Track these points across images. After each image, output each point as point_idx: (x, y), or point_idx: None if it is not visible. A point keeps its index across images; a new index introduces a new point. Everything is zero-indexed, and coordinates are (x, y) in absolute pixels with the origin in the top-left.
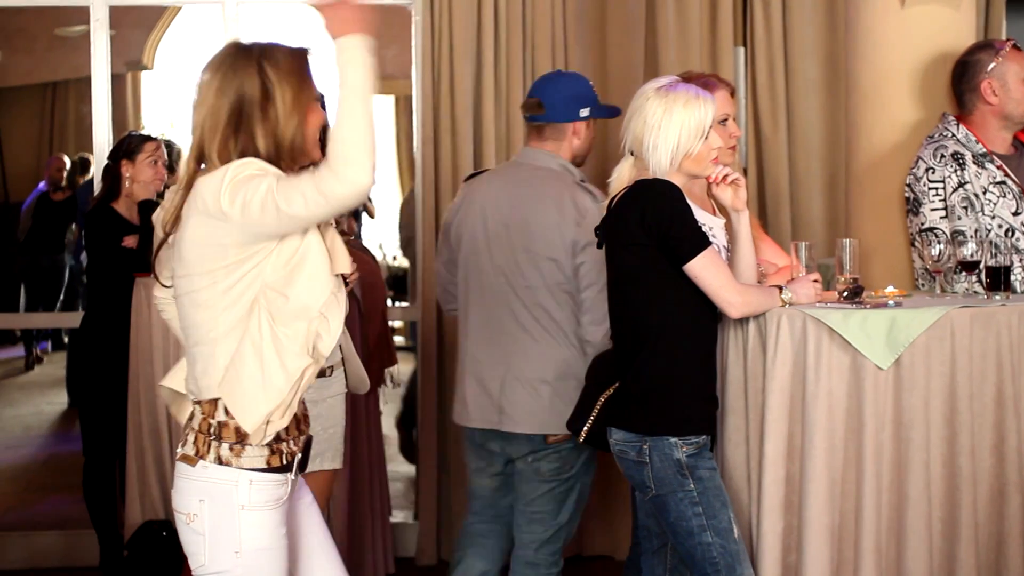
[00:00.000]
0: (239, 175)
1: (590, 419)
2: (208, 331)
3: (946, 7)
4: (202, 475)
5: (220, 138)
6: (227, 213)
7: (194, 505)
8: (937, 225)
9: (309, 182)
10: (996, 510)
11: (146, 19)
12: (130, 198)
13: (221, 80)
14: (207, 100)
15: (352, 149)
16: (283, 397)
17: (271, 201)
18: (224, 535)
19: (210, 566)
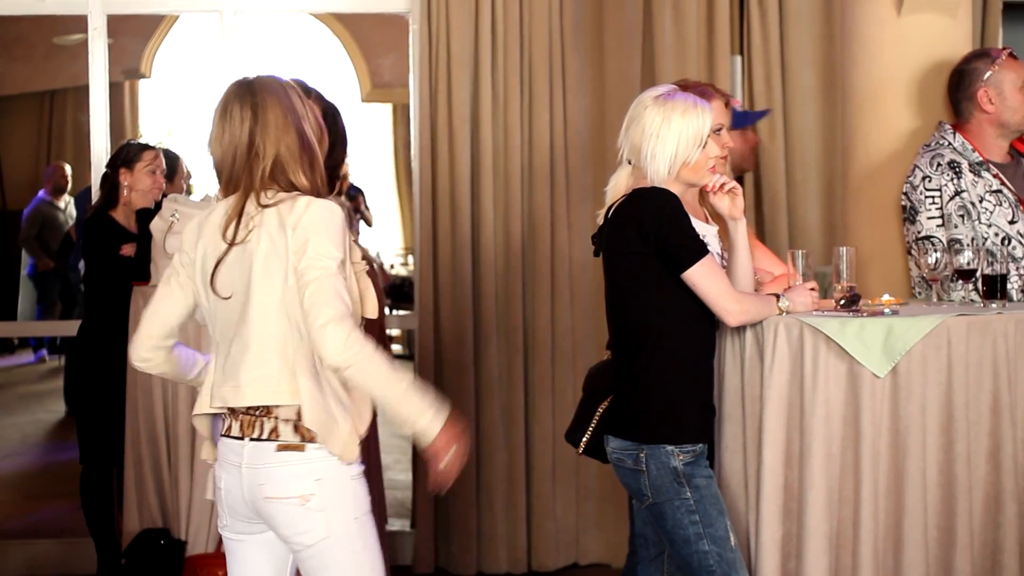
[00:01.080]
0: (328, 236)
1: (589, 430)
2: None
3: (942, 15)
4: (314, 456)
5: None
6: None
7: (310, 486)
8: (934, 233)
9: (340, 317)
10: (992, 518)
11: (144, 28)
12: (128, 207)
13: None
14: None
15: (358, 369)
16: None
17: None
18: (343, 505)
19: (333, 537)
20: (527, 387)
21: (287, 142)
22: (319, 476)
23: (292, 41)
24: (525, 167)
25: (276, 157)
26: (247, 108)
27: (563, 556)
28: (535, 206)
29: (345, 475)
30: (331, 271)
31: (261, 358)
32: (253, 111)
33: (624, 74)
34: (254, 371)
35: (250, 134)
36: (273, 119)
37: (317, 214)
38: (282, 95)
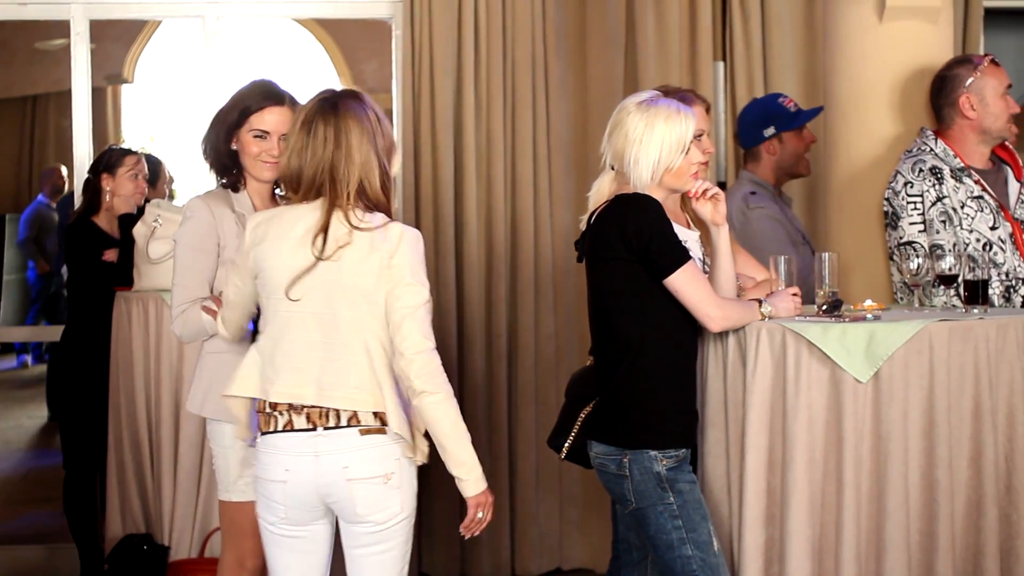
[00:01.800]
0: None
1: (571, 435)
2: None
3: (924, 22)
4: (394, 438)
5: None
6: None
7: (392, 464)
8: (915, 239)
9: (433, 348)
10: (973, 522)
11: (126, 33)
12: (110, 212)
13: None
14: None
15: (438, 387)
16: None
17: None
18: (412, 484)
19: (403, 512)
20: (510, 392)
21: (369, 166)
22: (398, 456)
23: (275, 46)
24: (508, 172)
25: (360, 180)
26: (331, 129)
27: (546, 561)
28: (518, 212)
29: (406, 458)
30: (424, 299)
31: (347, 367)
32: (336, 135)
33: (607, 80)
34: (339, 377)
35: (333, 157)
36: (356, 144)
37: (411, 244)
38: (363, 118)
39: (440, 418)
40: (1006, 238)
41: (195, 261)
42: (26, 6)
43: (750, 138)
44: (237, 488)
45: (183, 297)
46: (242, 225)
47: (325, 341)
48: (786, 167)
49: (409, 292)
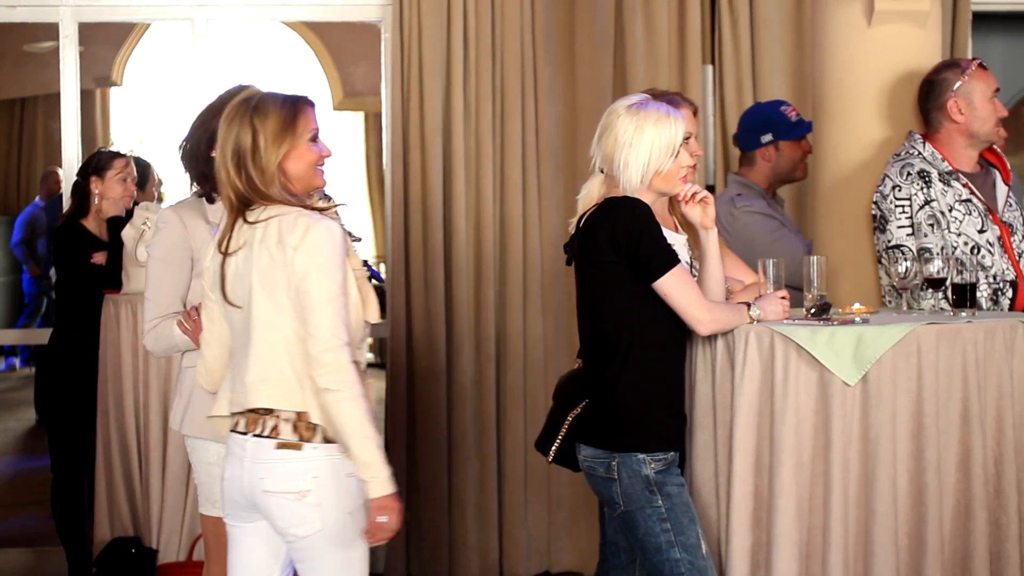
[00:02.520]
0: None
1: (558, 439)
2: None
3: (912, 26)
4: (311, 455)
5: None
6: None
7: (307, 482)
8: (904, 242)
9: (341, 345)
10: (961, 525)
11: (115, 35)
12: (99, 215)
13: (225, 132)
14: (220, 148)
15: (348, 387)
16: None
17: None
18: (338, 501)
19: (327, 529)
20: (499, 395)
21: (236, 162)
22: (316, 474)
23: (264, 49)
24: (497, 175)
25: (233, 178)
26: (216, 132)
27: (535, 564)
28: (507, 214)
29: (341, 472)
30: (333, 294)
31: (263, 363)
32: (217, 138)
33: (596, 83)
34: (257, 374)
35: (216, 159)
36: (221, 144)
37: (318, 237)
38: (230, 117)
39: (343, 418)
40: (994, 241)
41: (166, 274)
42: (15, 8)
43: (748, 142)
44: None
45: (155, 312)
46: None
47: (248, 339)
48: (781, 174)
49: (315, 286)
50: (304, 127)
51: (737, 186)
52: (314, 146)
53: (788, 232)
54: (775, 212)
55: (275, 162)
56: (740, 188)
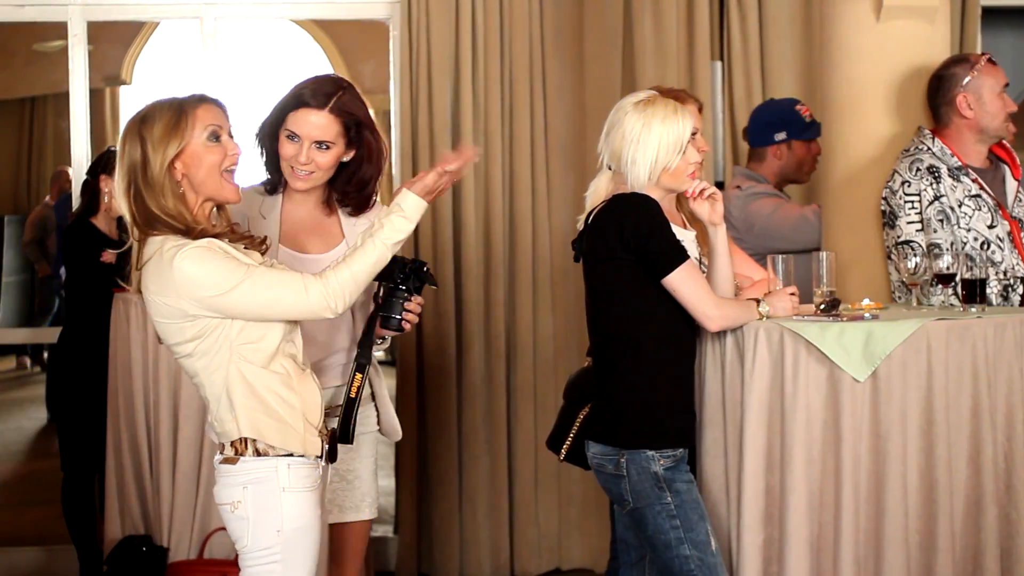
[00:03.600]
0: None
1: (569, 436)
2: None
3: (921, 21)
4: (244, 468)
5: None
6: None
7: (237, 493)
8: (913, 238)
9: (293, 291)
10: (972, 521)
11: (124, 34)
12: (109, 213)
13: (119, 153)
14: (116, 174)
15: (354, 288)
16: (305, 418)
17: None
18: (267, 516)
19: (253, 545)
20: (509, 393)
21: (122, 184)
22: (245, 484)
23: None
24: (506, 173)
25: (125, 197)
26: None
27: (546, 561)
28: (516, 212)
29: (272, 486)
30: (235, 291)
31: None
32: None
33: (604, 80)
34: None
35: (116, 177)
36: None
37: (181, 271)
38: (125, 132)
39: (364, 282)
40: (1004, 236)
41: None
42: (23, 8)
43: (760, 138)
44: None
45: None
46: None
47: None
48: (788, 173)
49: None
50: (193, 124)
51: (742, 178)
52: (214, 145)
53: (786, 202)
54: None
55: (162, 169)
56: (745, 179)
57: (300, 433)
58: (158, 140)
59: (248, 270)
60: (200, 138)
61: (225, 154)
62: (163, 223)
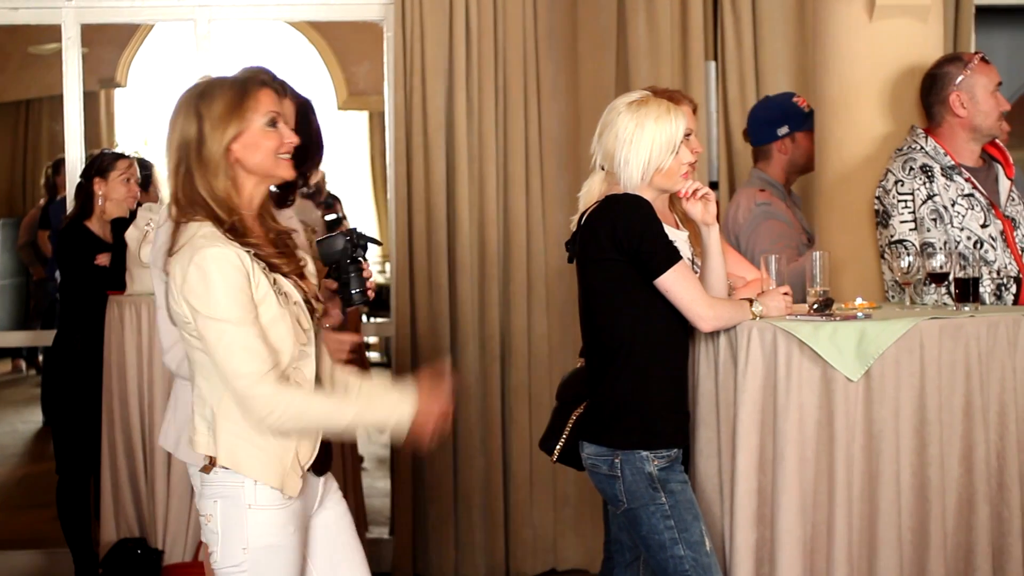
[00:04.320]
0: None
1: (562, 437)
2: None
3: (914, 20)
4: (215, 479)
5: (172, 183)
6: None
7: (210, 506)
8: (906, 237)
9: (246, 367)
10: (965, 520)
11: (119, 37)
12: (103, 216)
13: (170, 129)
14: (165, 150)
15: (294, 427)
16: (296, 454)
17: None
18: (234, 532)
19: (222, 561)
20: (504, 394)
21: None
22: (215, 499)
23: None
24: (500, 173)
25: (174, 175)
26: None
27: (541, 562)
28: (511, 212)
29: (240, 502)
30: (227, 329)
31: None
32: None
33: (598, 80)
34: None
35: (165, 153)
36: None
37: (195, 275)
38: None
39: (309, 424)
40: (997, 236)
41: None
42: (17, 11)
43: (762, 136)
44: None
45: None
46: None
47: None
48: (798, 166)
49: (204, 328)
50: (256, 108)
51: (760, 181)
52: (272, 131)
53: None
54: (793, 218)
55: (220, 150)
56: (763, 184)
57: (284, 469)
58: (218, 119)
59: (241, 317)
60: (259, 123)
61: (281, 141)
62: (206, 208)
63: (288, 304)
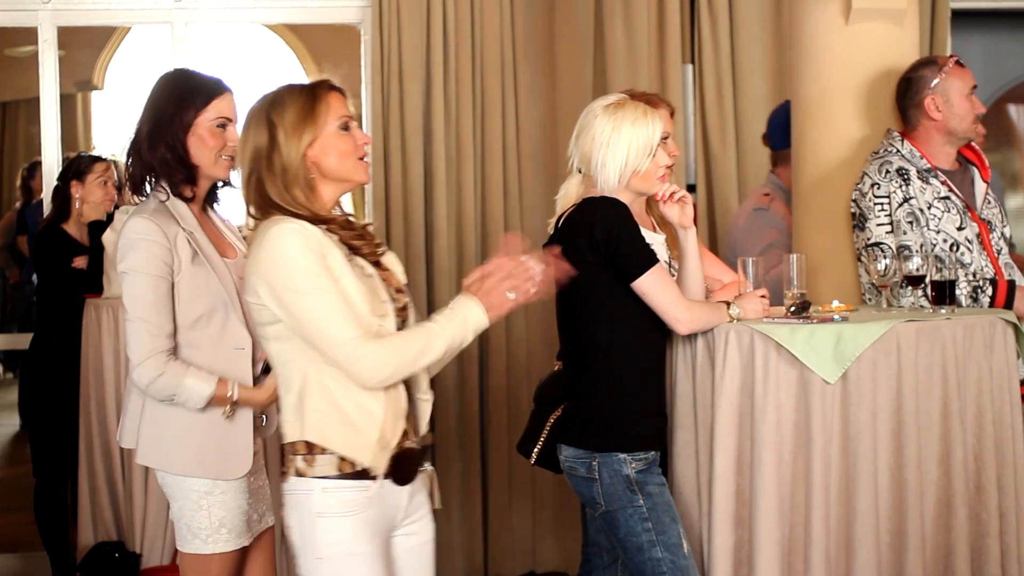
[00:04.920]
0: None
1: (540, 441)
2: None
3: (890, 24)
4: (289, 489)
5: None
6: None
7: (288, 518)
8: (883, 240)
9: (346, 333)
10: (943, 522)
11: (96, 39)
12: (80, 219)
13: (242, 138)
14: (238, 159)
15: (403, 372)
16: (382, 430)
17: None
18: (308, 543)
19: (303, 572)
20: (483, 397)
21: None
22: (292, 509)
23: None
24: (478, 176)
25: (247, 185)
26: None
27: (520, 565)
28: (488, 215)
29: (310, 511)
30: (317, 300)
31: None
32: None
33: (576, 83)
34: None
35: (239, 165)
36: (238, 154)
37: (273, 245)
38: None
39: (408, 360)
40: (973, 238)
41: (166, 293)
42: None
43: (781, 140)
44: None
45: (157, 342)
46: (194, 244)
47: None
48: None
49: (293, 303)
50: (328, 112)
51: (771, 186)
52: (345, 134)
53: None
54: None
55: (297, 156)
56: (772, 189)
57: (372, 445)
58: (291, 127)
59: (325, 285)
60: (332, 128)
61: (355, 144)
62: (281, 211)
63: (363, 277)
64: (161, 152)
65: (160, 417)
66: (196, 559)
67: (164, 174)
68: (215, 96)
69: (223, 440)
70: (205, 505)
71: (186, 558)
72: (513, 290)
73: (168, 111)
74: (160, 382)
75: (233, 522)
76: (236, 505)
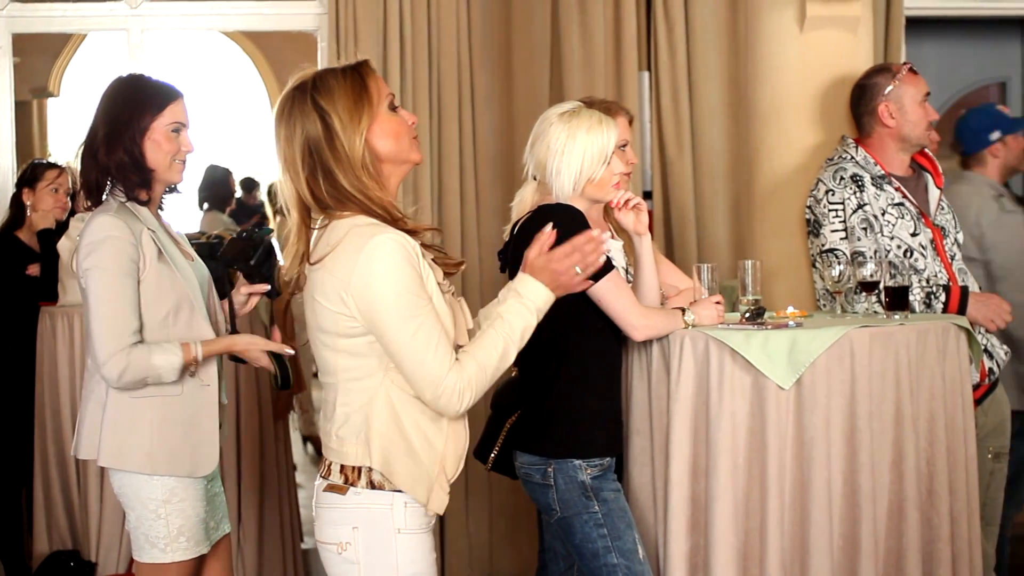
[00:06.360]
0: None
1: (496, 446)
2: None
3: (844, 31)
4: (354, 502)
5: (306, 185)
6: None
7: (346, 534)
8: (837, 246)
9: (437, 365)
10: (895, 526)
11: (51, 46)
12: (31, 228)
13: (285, 128)
14: (282, 151)
15: (480, 387)
16: (443, 464)
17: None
18: (381, 560)
19: None
20: None
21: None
22: (356, 525)
23: (202, 58)
24: (434, 183)
25: (311, 180)
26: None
27: (476, 571)
28: (445, 222)
29: (388, 528)
30: (411, 321)
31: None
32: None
33: (532, 91)
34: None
35: (283, 160)
36: (279, 146)
37: (377, 257)
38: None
39: (490, 364)
40: (927, 244)
41: (131, 290)
42: None
43: (976, 144)
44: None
45: (123, 337)
46: (158, 243)
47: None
48: (1010, 167)
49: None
50: (378, 92)
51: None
52: (394, 114)
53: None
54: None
55: (361, 143)
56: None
57: (431, 481)
58: (347, 112)
59: (428, 310)
60: (384, 109)
61: (406, 123)
62: (360, 205)
63: (448, 298)
64: (118, 155)
65: (125, 420)
66: (153, 568)
67: (120, 178)
68: (170, 101)
69: (189, 436)
70: (163, 514)
71: (143, 568)
72: (581, 265)
73: (124, 115)
74: (129, 372)
75: (192, 530)
76: (194, 513)
